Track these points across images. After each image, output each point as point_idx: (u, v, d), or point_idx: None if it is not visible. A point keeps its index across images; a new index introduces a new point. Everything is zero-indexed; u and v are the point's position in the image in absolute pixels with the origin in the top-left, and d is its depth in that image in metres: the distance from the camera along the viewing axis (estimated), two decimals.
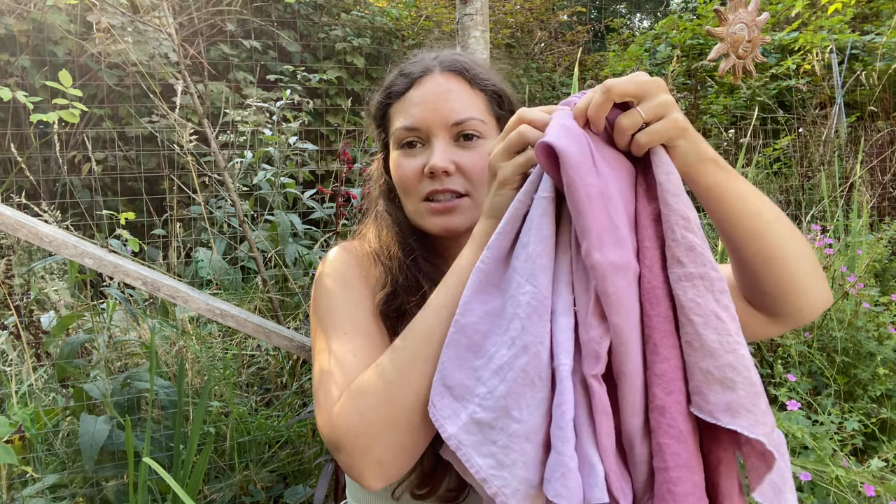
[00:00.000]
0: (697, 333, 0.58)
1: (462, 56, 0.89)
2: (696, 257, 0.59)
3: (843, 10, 4.49)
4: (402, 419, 0.64)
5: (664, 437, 0.58)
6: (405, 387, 0.65)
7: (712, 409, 0.57)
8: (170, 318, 2.40)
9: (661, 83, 0.61)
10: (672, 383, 0.59)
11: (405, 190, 0.86)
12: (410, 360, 0.66)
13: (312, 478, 1.98)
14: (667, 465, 0.58)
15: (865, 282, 2.55)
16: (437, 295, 0.70)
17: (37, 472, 1.79)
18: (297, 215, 2.91)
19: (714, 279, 0.59)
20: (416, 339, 0.67)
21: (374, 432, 0.63)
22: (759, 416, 0.57)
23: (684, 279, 0.59)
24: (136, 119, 3.80)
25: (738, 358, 0.57)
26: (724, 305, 0.59)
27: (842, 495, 1.65)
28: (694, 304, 0.58)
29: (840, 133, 3.96)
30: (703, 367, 0.57)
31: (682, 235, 0.59)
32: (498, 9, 5.07)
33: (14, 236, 2.01)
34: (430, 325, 0.67)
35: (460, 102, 0.83)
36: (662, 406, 0.58)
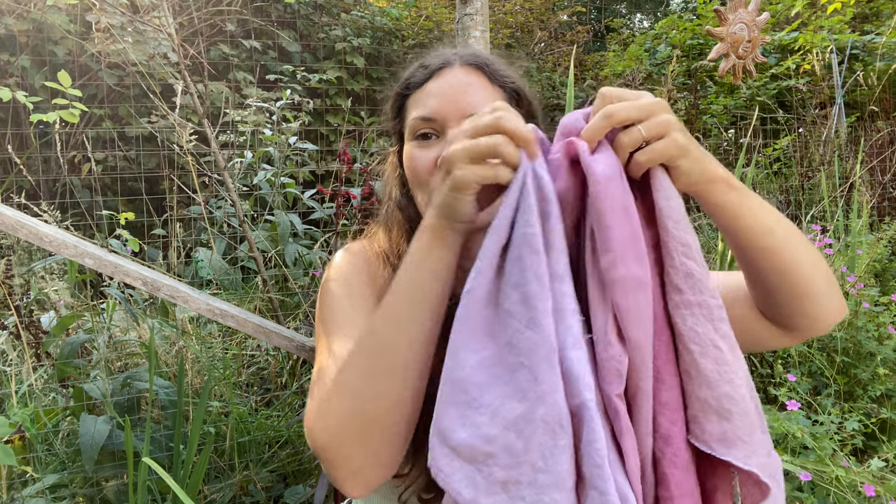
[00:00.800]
0: (695, 363, 0.58)
1: (483, 52, 0.89)
2: (695, 284, 0.58)
3: (843, 10, 4.49)
4: (372, 425, 0.63)
5: (669, 467, 0.58)
6: (371, 400, 0.63)
7: (708, 439, 0.57)
8: (170, 318, 2.40)
9: (664, 104, 0.60)
10: (675, 412, 0.59)
11: (417, 182, 0.84)
12: (370, 373, 0.64)
13: (312, 478, 1.98)
14: (671, 494, 0.58)
15: (865, 282, 2.55)
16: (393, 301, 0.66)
17: (37, 472, 1.79)
18: (297, 215, 2.91)
19: (713, 307, 0.58)
20: (374, 350, 0.65)
21: (346, 441, 0.62)
22: (754, 446, 0.57)
23: (683, 307, 0.59)
24: (136, 119, 3.80)
25: (735, 388, 0.57)
26: (722, 334, 0.58)
27: (842, 495, 1.65)
28: (693, 332, 0.58)
29: (840, 133, 3.96)
30: (700, 396, 0.58)
31: (681, 262, 0.59)
32: (498, 9, 5.07)
33: (14, 236, 2.01)
34: (390, 335, 0.65)
35: (478, 96, 0.82)
36: (668, 435, 0.58)
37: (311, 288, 2.65)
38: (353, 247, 0.91)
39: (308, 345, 1.64)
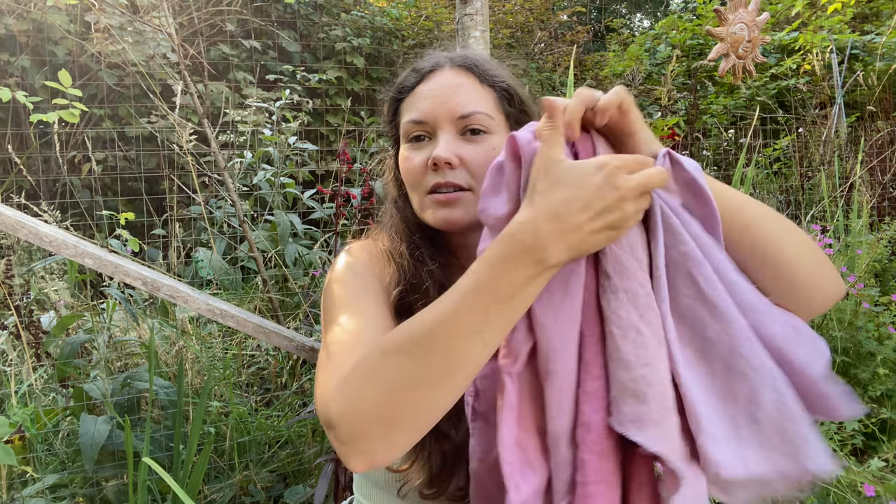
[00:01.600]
0: (616, 345, 0.59)
1: (474, 53, 0.89)
2: (623, 271, 0.60)
3: (843, 10, 4.49)
4: (400, 423, 0.60)
5: (587, 454, 0.59)
6: (407, 396, 0.60)
7: (623, 420, 0.58)
8: (170, 318, 2.40)
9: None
10: (599, 401, 0.60)
11: (411, 183, 0.86)
12: (416, 376, 0.59)
13: (312, 478, 1.98)
14: (587, 479, 0.59)
15: (865, 282, 2.55)
16: (472, 311, 0.60)
17: (37, 472, 1.79)
18: (296, 215, 2.91)
19: (640, 294, 0.59)
20: (432, 349, 0.59)
21: (367, 426, 0.60)
22: (667, 431, 0.57)
23: (609, 291, 0.60)
24: (136, 119, 3.80)
25: (653, 372, 0.58)
26: (647, 321, 0.59)
27: (842, 495, 1.65)
28: (616, 315, 0.59)
29: (840, 133, 3.96)
30: (619, 378, 0.58)
31: (609, 249, 0.60)
32: (498, 9, 5.07)
33: (14, 236, 2.01)
34: (455, 345, 0.59)
35: (468, 97, 0.83)
36: (589, 423, 0.59)
37: (311, 288, 2.65)
38: (356, 245, 0.92)
39: (308, 345, 1.64)
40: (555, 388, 0.61)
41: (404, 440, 0.61)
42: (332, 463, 1.62)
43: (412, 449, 0.79)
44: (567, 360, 0.61)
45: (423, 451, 0.78)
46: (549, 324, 0.61)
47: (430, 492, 0.79)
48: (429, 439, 0.78)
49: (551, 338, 0.61)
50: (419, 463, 0.79)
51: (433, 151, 0.81)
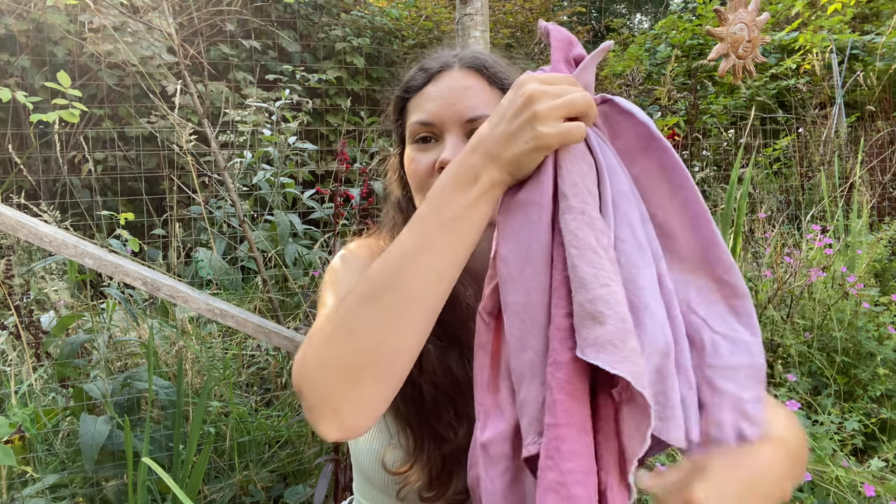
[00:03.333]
0: (573, 266, 0.56)
1: (483, 54, 0.88)
2: (579, 193, 0.59)
3: (843, 10, 4.49)
4: (364, 370, 0.59)
5: (558, 393, 0.56)
6: (367, 337, 0.59)
7: (582, 345, 0.55)
8: (170, 318, 2.40)
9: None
10: (571, 339, 0.57)
11: (417, 185, 0.85)
12: (375, 309, 0.59)
13: (312, 478, 1.98)
14: (557, 421, 0.56)
15: (865, 282, 2.55)
16: (419, 241, 0.61)
17: (37, 472, 1.79)
18: (296, 215, 2.91)
19: (594, 218, 0.58)
20: (385, 285, 0.60)
21: (331, 380, 0.59)
22: (626, 353, 0.54)
23: (566, 212, 0.59)
24: (135, 119, 3.80)
25: (611, 293, 0.55)
26: (603, 245, 0.57)
27: (842, 495, 1.65)
28: (573, 236, 0.57)
29: (840, 133, 3.96)
30: (577, 300, 0.56)
31: (566, 171, 0.60)
32: (498, 9, 5.07)
33: (14, 236, 2.01)
34: (411, 275, 0.60)
35: (476, 99, 0.82)
36: (559, 361, 0.57)
37: (310, 288, 2.65)
38: (356, 243, 0.92)
39: None
40: (514, 321, 0.59)
41: (372, 391, 0.59)
42: (332, 463, 1.63)
43: (410, 452, 0.80)
44: (527, 292, 0.59)
45: (423, 454, 0.79)
46: (506, 255, 0.60)
47: (429, 494, 0.79)
48: (428, 442, 0.78)
49: (509, 269, 0.60)
50: (418, 465, 0.79)
51: (441, 154, 0.81)
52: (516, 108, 0.60)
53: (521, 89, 0.60)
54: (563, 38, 0.67)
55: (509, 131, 0.60)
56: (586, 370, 0.57)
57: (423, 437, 0.80)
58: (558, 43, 0.67)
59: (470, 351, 0.86)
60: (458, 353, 0.83)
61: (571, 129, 0.59)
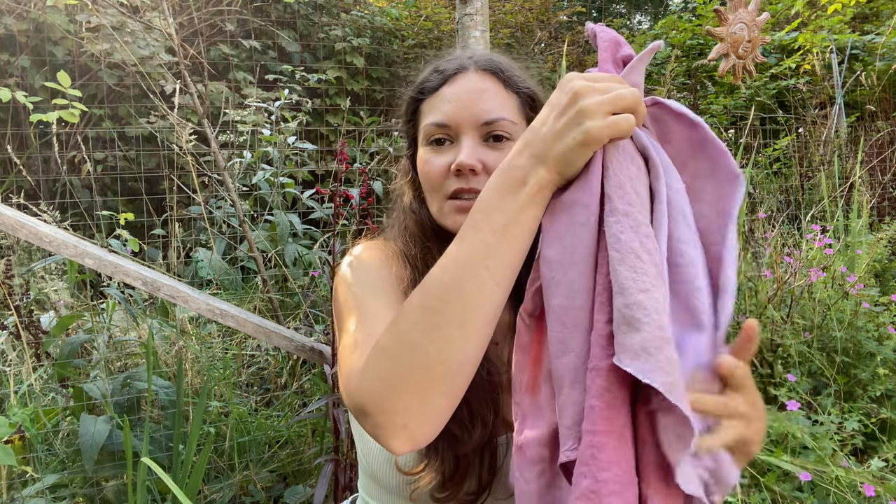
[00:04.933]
0: (614, 270, 0.55)
1: (498, 56, 0.88)
2: (625, 195, 0.58)
3: (843, 10, 4.49)
4: (432, 383, 0.59)
5: (596, 400, 0.54)
6: (433, 351, 0.58)
7: (618, 351, 0.53)
8: (169, 318, 2.40)
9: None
10: (612, 345, 0.55)
11: (431, 187, 0.84)
12: (436, 324, 0.59)
13: (312, 478, 1.98)
14: (595, 428, 0.54)
15: (865, 282, 2.55)
16: (473, 252, 0.60)
17: (37, 472, 1.79)
18: (296, 215, 2.91)
19: (641, 222, 0.57)
20: (445, 297, 0.59)
21: (399, 398, 0.58)
22: (662, 363, 0.52)
23: (610, 214, 0.57)
24: (135, 119, 3.80)
25: (650, 299, 0.54)
26: (647, 249, 0.56)
27: (842, 495, 1.65)
28: (615, 238, 0.56)
29: (840, 133, 3.96)
30: (616, 305, 0.54)
31: (612, 173, 0.58)
32: (498, 9, 5.06)
33: (14, 236, 2.01)
34: (470, 287, 0.59)
35: (493, 102, 0.82)
36: (599, 367, 0.55)
37: (310, 288, 2.65)
38: (368, 244, 0.90)
39: (308, 345, 1.64)
40: (556, 325, 0.58)
41: (439, 405, 0.59)
42: (332, 463, 1.62)
43: (423, 453, 0.79)
44: (570, 295, 0.58)
45: (437, 455, 0.78)
46: (551, 257, 0.60)
47: (441, 495, 0.79)
48: (441, 443, 0.78)
49: (553, 272, 0.59)
50: (432, 466, 0.79)
51: (457, 157, 0.80)
52: (562, 105, 0.59)
53: (567, 86, 0.59)
54: (609, 39, 0.66)
55: (556, 129, 0.59)
56: (627, 377, 0.55)
57: (436, 438, 0.80)
58: (605, 44, 0.66)
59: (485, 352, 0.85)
60: None
61: (620, 121, 0.58)
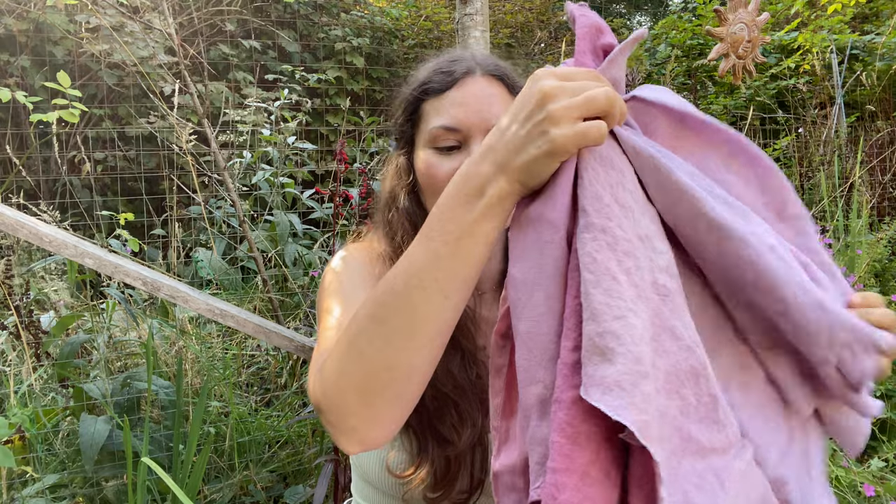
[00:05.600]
0: (587, 293, 0.49)
1: (501, 62, 0.88)
2: (602, 208, 0.51)
3: (843, 10, 4.49)
4: (377, 392, 0.58)
5: (557, 435, 0.49)
6: (379, 360, 0.57)
7: (587, 383, 0.48)
8: (169, 318, 2.40)
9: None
10: (577, 375, 0.50)
11: (434, 191, 0.83)
12: (385, 334, 0.57)
13: (312, 478, 1.98)
14: (555, 465, 0.49)
15: (865, 282, 2.55)
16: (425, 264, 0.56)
17: (37, 472, 1.78)
18: (296, 215, 2.91)
19: (619, 238, 0.51)
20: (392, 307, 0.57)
21: (347, 401, 0.58)
22: (636, 399, 0.47)
23: (584, 230, 0.51)
24: (135, 119, 3.80)
25: (626, 327, 0.48)
26: (625, 269, 0.50)
27: (842, 495, 1.65)
28: (589, 258, 0.50)
29: (840, 133, 3.96)
30: (587, 332, 0.49)
31: (588, 182, 0.52)
32: (498, 9, 5.06)
33: (14, 236, 2.01)
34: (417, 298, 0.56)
35: (502, 107, 0.81)
36: (561, 399, 0.50)
37: (310, 288, 2.65)
38: (352, 247, 0.91)
39: (308, 345, 1.64)
40: (522, 351, 0.53)
41: (388, 412, 0.58)
42: (332, 463, 1.62)
43: (416, 454, 0.80)
44: (536, 320, 0.53)
45: (427, 456, 0.79)
46: (516, 277, 0.54)
47: (434, 495, 0.80)
48: (431, 444, 0.78)
49: (518, 293, 0.54)
50: (423, 468, 0.79)
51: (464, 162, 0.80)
52: (529, 108, 0.52)
53: (535, 86, 0.53)
54: (589, 25, 0.58)
55: (520, 136, 0.53)
56: (596, 410, 0.49)
57: (426, 440, 0.80)
58: (584, 31, 0.58)
59: (471, 355, 0.85)
60: (461, 356, 0.83)
61: (589, 129, 0.51)
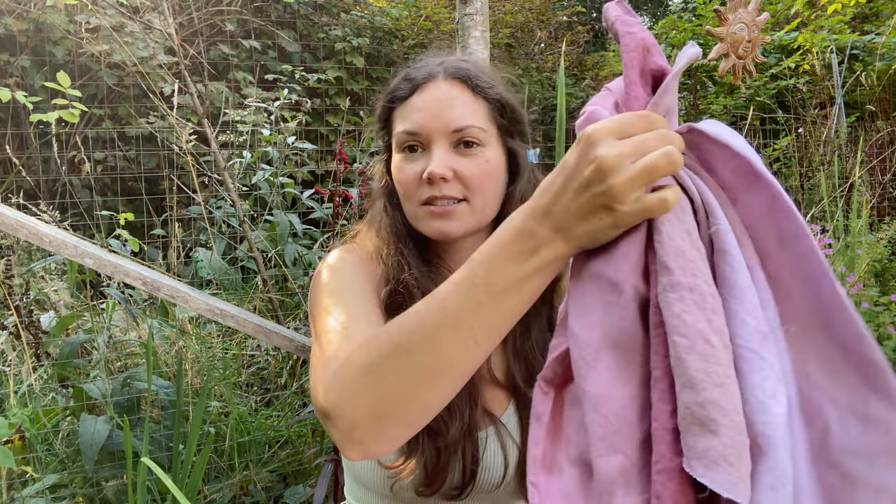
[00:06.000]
0: (679, 359, 0.47)
1: (467, 63, 0.88)
2: (686, 264, 0.48)
3: (843, 10, 4.49)
4: (390, 418, 0.59)
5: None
6: (396, 389, 0.58)
7: (689, 455, 0.45)
8: (169, 318, 2.40)
9: None
10: (679, 442, 0.47)
11: (405, 194, 0.87)
12: (406, 373, 0.58)
13: (312, 478, 1.98)
14: None
15: (865, 282, 2.55)
16: (463, 304, 0.56)
17: (37, 472, 1.78)
18: (296, 215, 2.91)
19: (706, 294, 0.48)
20: (420, 343, 0.57)
21: (359, 418, 0.59)
22: (742, 472, 0.45)
23: (670, 289, 0.48)
24: (135, 119, 3.80)
25: (727, 395, 0.46)
26: (716, 328, 0.48)
27: None
28: (679, 321, 0.47)
29: (840, 133, 3.96)
30: (684, 401, 0.46)
31: (668, 237, 0.49)
32: (498, 9, 5.06)
33: (14, 236, 2.01)
34: (449, 346, 0.56)
35: (461, 109, 0.83)
36: (670, 469, 0.47)
37: (310, 289, 2.64)
38: (347, 247, 0.93)
39: (308, 345, 1.64)
40: (595, 416, 0.50)
41: (396, 433, 0.60)
42: (332, 463, 1.62)
43: (406, 446, 0.80)
44: (606, 385, 0.50)
45: (418, 448, 0.79)
46: (577, 333, 0.51)
47: (424, 489, 0.80)
48: (422, 437, 0.79)
49: (582, 352, 0.50)
50: (413, 460, 0.80)
51: (428, 166, 0.82)
52: (586, 177, 0.49)
53: (591, 153, 0.49)
54: (636, 46, 0.54)
55: (580, 205, 0.50)
56: (691, 479, 0.47)
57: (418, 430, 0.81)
58: (632, 56, 0.53)
59: None
60: None
61: (655, 205, 0.48)
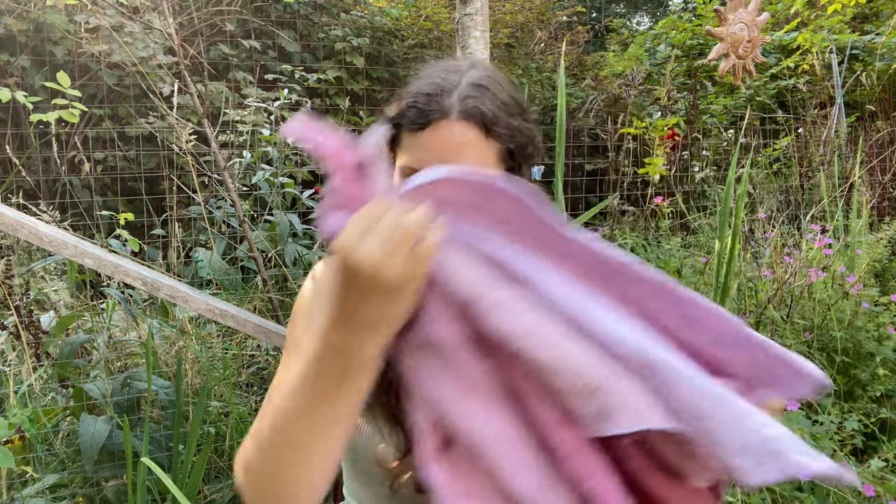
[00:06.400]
0: (535, 360, 0.52)
1: (484, 93, 0.80)
2: (483, 280, 0.55)
3: (843, 10, 4.49)
4: (285, 499, 0.68)
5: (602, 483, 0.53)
6: (281, 481, 0.66)
7: (589, 424, 0.51)
8: (169, 318, 2.40)
9: None
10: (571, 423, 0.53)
11: None
12: (277, 463, 0.66)
13: None
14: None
15: (865, 282, 2.55)
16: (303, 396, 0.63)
17: (37, 472, 1.78)
18: (296, 215, 2.91)
19: (519, 295, 0.54)
20: (284, 446, 0.65)
21: (259, 498, 0.70)
22: (627, 399, 0.50)
23: (491, 312, 0.54)
24: (135, 119, 3.80)
25: (575, 357, 0.52)
26: (543, 317, 0.54)
27: (842, 495, 1.65)
28: (510, 328, 0.53)
29: (840, 133, 3.96)
30: (560, 386, 0.52)
31: (454, 279, 0.55)
32: (498, 9, 5.06)
33: (14, 236, 2.01)
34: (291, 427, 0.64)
35: (470, 157, 0.78)
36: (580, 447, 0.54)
37: None
38: (322, 267, 0.90)
39: None
40: (492, 458, 0.55)
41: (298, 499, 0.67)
42: None
43: (404, 444, 0.81)
44: (495, 425, 0.55)
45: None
46: (440, 398, 0.56)
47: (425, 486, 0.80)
48: None
49: (450, 411, 0.55)
50: (412, 457, 0.80)
51: None
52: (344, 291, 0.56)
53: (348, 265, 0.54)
54: (329, 154, 0.57)
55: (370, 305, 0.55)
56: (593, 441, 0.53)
57: None
58: (330, 163, 0.56)
59: None
60: None
61: (423, 251, 0.54)
